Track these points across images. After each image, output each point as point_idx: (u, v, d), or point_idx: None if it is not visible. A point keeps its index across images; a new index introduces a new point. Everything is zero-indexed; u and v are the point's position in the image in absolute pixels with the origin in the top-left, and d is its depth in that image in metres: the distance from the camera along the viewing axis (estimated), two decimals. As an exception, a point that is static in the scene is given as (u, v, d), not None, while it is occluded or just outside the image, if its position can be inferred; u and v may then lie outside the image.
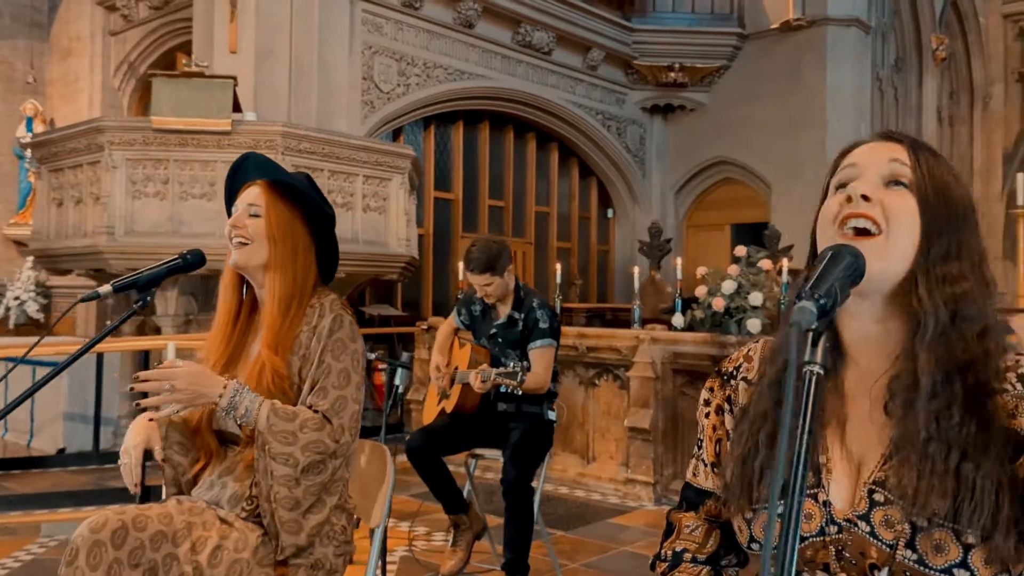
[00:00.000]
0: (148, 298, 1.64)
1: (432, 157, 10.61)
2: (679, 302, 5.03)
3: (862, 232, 0.96)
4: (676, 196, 12.67)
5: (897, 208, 0.97)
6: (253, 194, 1.83)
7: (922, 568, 0.91)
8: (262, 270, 1.80)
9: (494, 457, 3.44)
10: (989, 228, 15.40)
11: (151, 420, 1.71)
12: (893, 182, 0.99)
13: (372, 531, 1.86)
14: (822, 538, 0.97)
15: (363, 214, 7.67)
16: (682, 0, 11.87)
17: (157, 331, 6.60)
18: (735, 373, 1.15)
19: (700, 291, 4.77)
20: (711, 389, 1.17)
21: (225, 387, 1.63)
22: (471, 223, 11.03)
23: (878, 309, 0.98)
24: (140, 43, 10.35)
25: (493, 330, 3.41)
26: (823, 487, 0.99)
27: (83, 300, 1.59)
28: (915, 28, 13.42)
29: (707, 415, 1.16)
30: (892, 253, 0.96)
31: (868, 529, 0.95)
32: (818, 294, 0.78)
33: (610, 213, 12.80)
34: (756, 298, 4.55)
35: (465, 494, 3.51)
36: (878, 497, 0.95)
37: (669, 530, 1.17)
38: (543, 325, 3.30)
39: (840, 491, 0.98)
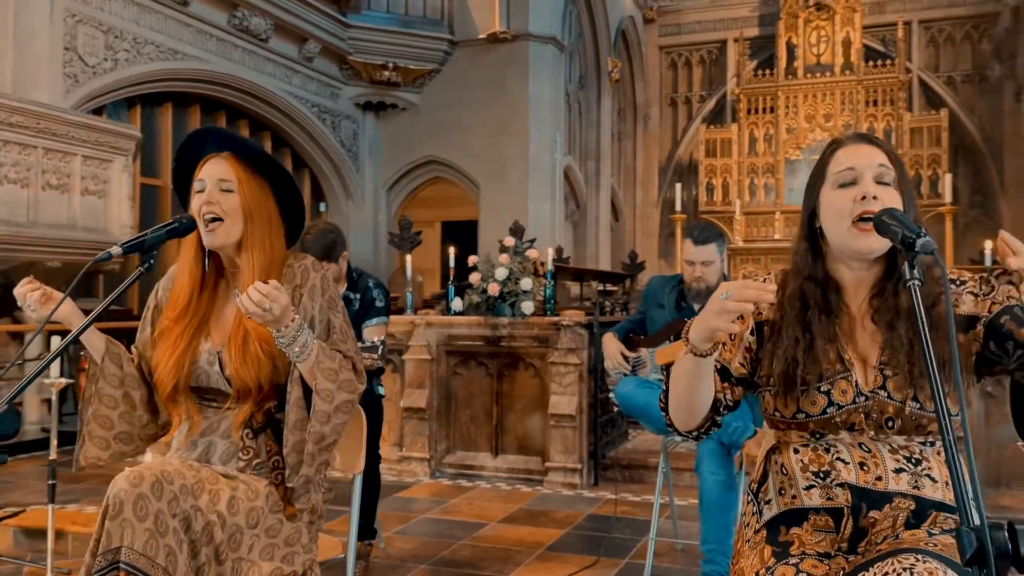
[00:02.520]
0: (152, 261, 1.62)
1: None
2: (452, 288, 5.38)
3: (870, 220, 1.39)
4: (388, 192, 13.02)
5: (892, 203, 1.41)
6: (221, 168, 1.82)
7: (921, 411, 1.38)
8: (236, 246, 1.82)
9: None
10: (648, 230, 17.87)
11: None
12: (882, 181, 1.43)
13: (354, 477, 1.97)
14: (855, 406, 1.41)
15: (81, 197, 7.02)
16: (396, 1, 12.24)
17: None
18: None
19: (474, 278, 5.17)
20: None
21: (294, 318, 1.64)
22: (181, 211, 10.38)
23: (869, 260, 1.43)
24: None
25: (328, 310, 3.48)
26: (851, 372, 1.43)
27: (96, 261, 1.52)
28: (595, 51, 15.16)
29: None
30: None
31: (885, 395, 1.41)
32: (924, 232, 1.19)
33: (323, 206, 12.78)
34: (527, 283, 5.06)
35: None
36: (888, 373, 1.41)
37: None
38: (379, 304, 3.47)
39: (860, 374, 1.43)
